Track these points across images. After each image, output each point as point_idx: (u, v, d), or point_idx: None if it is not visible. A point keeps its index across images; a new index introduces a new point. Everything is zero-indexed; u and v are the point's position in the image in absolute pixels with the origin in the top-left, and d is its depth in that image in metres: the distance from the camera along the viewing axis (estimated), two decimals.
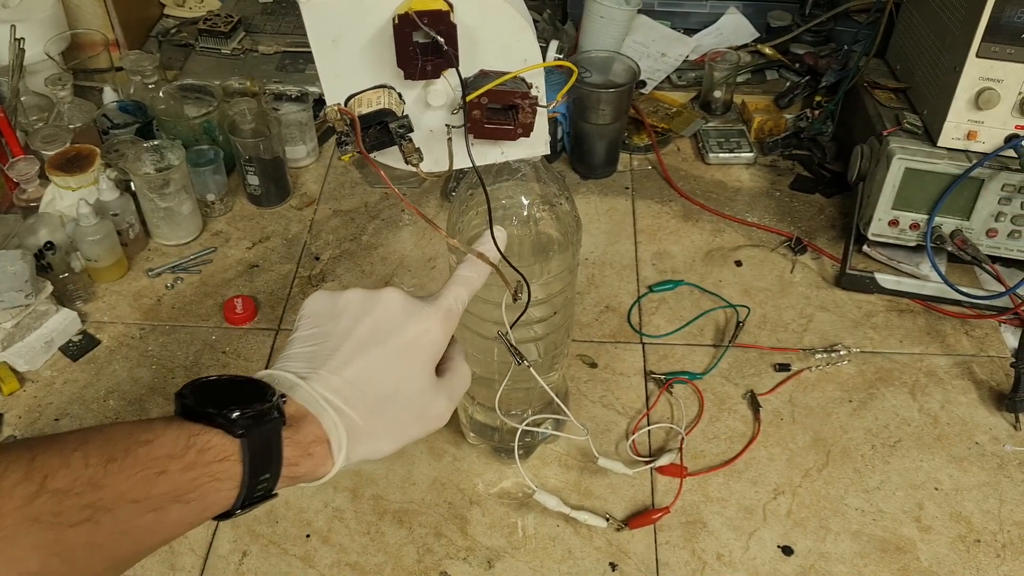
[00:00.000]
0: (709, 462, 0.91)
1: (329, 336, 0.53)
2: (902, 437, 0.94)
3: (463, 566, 0.82)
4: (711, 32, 1.47)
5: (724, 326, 1.05)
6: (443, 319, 0.55)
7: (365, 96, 0.61)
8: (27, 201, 1.11)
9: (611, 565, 0.82)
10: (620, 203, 1.23)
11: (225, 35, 1.44)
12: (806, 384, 0.99)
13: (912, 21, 1.15)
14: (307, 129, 1.27)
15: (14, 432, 0.93)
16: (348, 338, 0.52)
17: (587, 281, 1.11)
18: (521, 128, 0.62)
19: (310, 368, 0.51)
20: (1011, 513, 0.87)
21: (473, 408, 0.89)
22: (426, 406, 0.54)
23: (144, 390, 0.98)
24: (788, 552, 0.83)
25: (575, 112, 1.23)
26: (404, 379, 0.53)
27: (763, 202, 1.23)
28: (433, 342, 0.54)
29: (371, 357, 0.52)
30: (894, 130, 1.07)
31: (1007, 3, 0.93)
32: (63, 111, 1.19)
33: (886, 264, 1.12)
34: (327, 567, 0.82)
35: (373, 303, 0.54)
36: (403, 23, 0.57)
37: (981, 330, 1.05)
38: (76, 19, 1.39)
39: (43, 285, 1.01)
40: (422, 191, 1.25)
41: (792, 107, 1.36)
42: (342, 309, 0.54)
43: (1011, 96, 0.98)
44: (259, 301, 1.08)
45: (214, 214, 1.20)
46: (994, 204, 1.03)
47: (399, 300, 0.54)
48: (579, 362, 1.01)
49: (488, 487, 0.89)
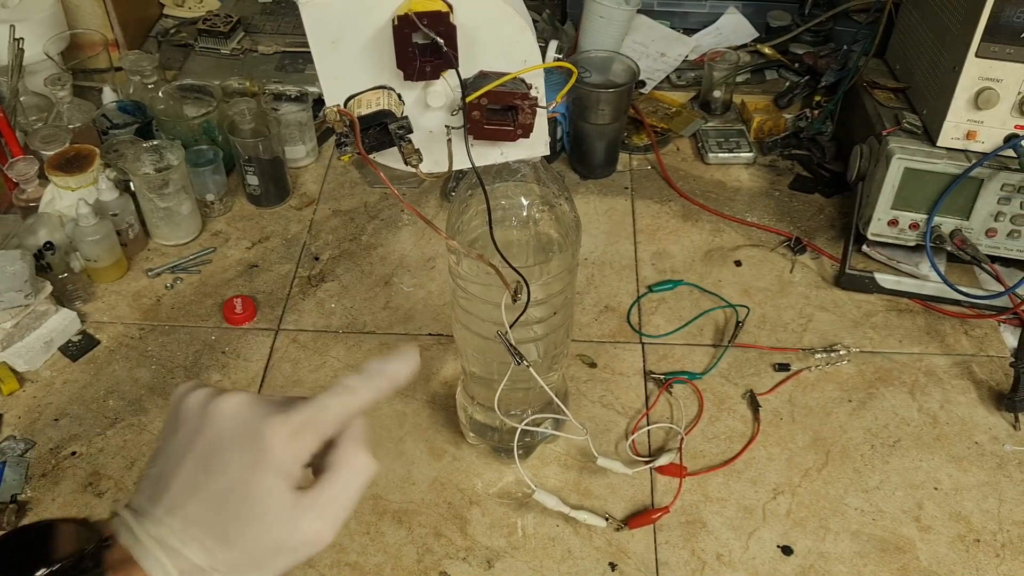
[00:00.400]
0: (709, 462, 0.91)
1: (168, 457, 0.46)
2: (901, 437, 0.94)
3: (463, 566, 0.82)
4: (710, 32, 1.47)
5: (724, 326, 1.05)
6: (293, 434, 0.44)
7: (364, 97, 0.61)
8: (26, 201, 1.11)
9: (611, 565, 0.82)
10: (619, 203, 1.23)
11: (224, 35, 1.44)
12: (805, 384, 0.99)
13: (911, 21, 1.15)
14: (306, 129, 1.27)
15: (13, 432, 0.93)
16: (182, 463, 0.45)
17: (587, 281, 1.11)
18: (521, 129, 0.62)
19: (150, 499, 0.45)
20: (1010, 513, 0.87)
21: (473, 408, 0.89)
22: (287, 533, 0.44)
23: (144, 390, 0.98)
24: (788, 552, 0.84)
25: (575, 112, 1.23)
26: (249, 505, 0.43)
27: (762, 202, 1.23)
28: (279, 461, 0.44)
29: (204, 487, 0.44)
30: (893, 130, 1.07)
31: (1006, 3, 0.93)
32: (62, 111, 1.19)
33: (885, 264, 1.12)
34: (326, 567, 0.82)
35: (206, 419, 0.45)
36: (402, 24, 0.57)
37: (980, 330, 1.05)
38: (75, 19, 1.39)
39: (42, 285, 1.01)
40: (421, 192, 1.25)
41: (791, 107, 1.36)
42: (182, 422, 0.46)
43: (1010, 96, 0.98)
44: (258, 301, 1.08)
45: (213, 214, 1.20)
46: (993, 204, 1.03)
47: (235, 414, 0.45)
48: (579, 362, 1.01)
49: (488, 487, 0.89)
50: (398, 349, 0.49)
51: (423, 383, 0.98)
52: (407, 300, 1.09)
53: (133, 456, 0.91)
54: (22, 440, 0.92)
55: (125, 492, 0.88)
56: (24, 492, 0.88)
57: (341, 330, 1.05)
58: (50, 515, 0.86)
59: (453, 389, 0.96)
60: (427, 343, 1.03)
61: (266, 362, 1.01)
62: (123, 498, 0.87)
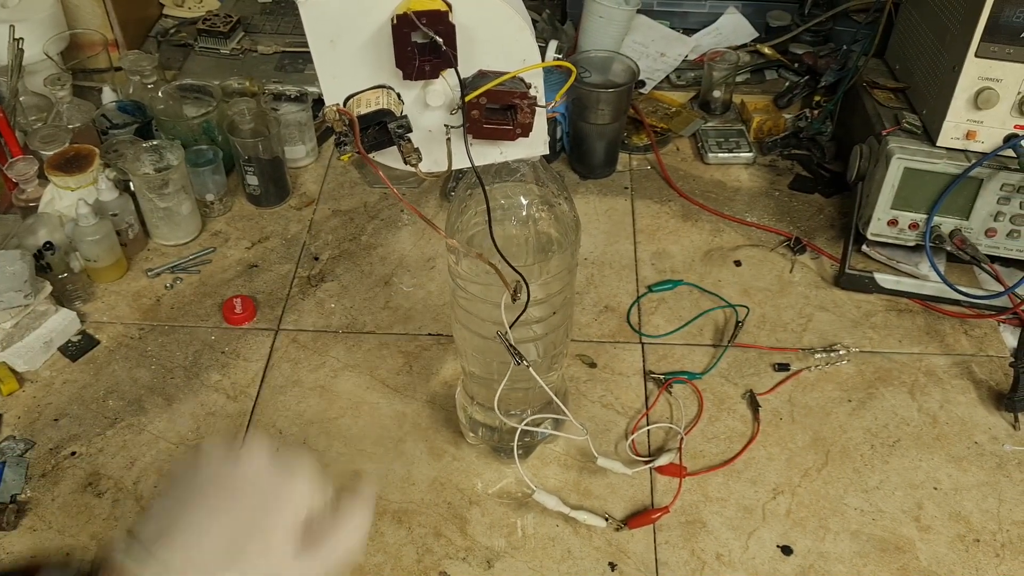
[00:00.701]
0: (708, 462, 0.91)
1: (176, 506, 0.47)
2: (901, 437, 0.94)
3: (462, 566, 0.82)
4: (710, 32, 1.47)
5: (723, 326, 1.05)
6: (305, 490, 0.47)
7: (364, 96, 0.61)
8: (26, 201, 1.11)
9: (610, 565, 0.82)
10: (619, 203, 1.23)
11: (224, 35, 1.44)
12: (805, 384, 0.99)
13: (911, 21, 1.15)
14: (306, 129, 1.27)
15: (13, 432, 0.93)
16: (190, 511, 0.46)
17: (586, 281, 1.11)
18: (520, 128, 0.62)
19: (153, 540, 0.45)
20: (1010, 513, 0.87)
21: (473, 408, 0.89)
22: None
23: (143, 390, 0.98)
24: (787, 552, 0.83)
25: (574, 112, 1.23)
26: (251, 562, 0.45)
27: (762, 202, 1.23)
28: (287, 517, 0.46)
29: (206, 536, 0.45)
30: (893, 130, 1.07)
31: (1006, 3, 0.93)
32: (62, 111, 1.19)
33: (885, 264, 1.12)
34: None
35: (227, 474, 0.47)
36: (402, 23, 0.57)
37: (980, 330, 1.05)
38: (75, 19, 1.39)
39: (42, 285, 1.01)
40: (421, 191, 1.25)
41: (791, 107, 1.36)
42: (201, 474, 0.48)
43: (1010, 96, 0.98)
44: (258, 301, 1.08)
45: (213, 214, 1.20)
46: (993, 204, 1.03)
47: (257, 469, 0.48)
48: (578, 362, 1.01)
49: (487, 487, 0.89)
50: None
51: (423, 383, 0.98)
52: (407, 300, 1.09)
53: (133, 456, 0.91)
54: (22, 440, 0.92)
55: (125, 492, 0.88)
56: (24, 492, 0.88)
57: (341, 330, 1.05)
58: (50, 515, 0.86)
59: (453, 389, 0.96)
60: (427, 343, 1.03)
61: (266, 362, 1.01)
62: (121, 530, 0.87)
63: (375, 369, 1.00)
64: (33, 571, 0.45)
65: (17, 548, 0.83)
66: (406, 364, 1.01)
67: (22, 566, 0.45)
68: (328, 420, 0.95)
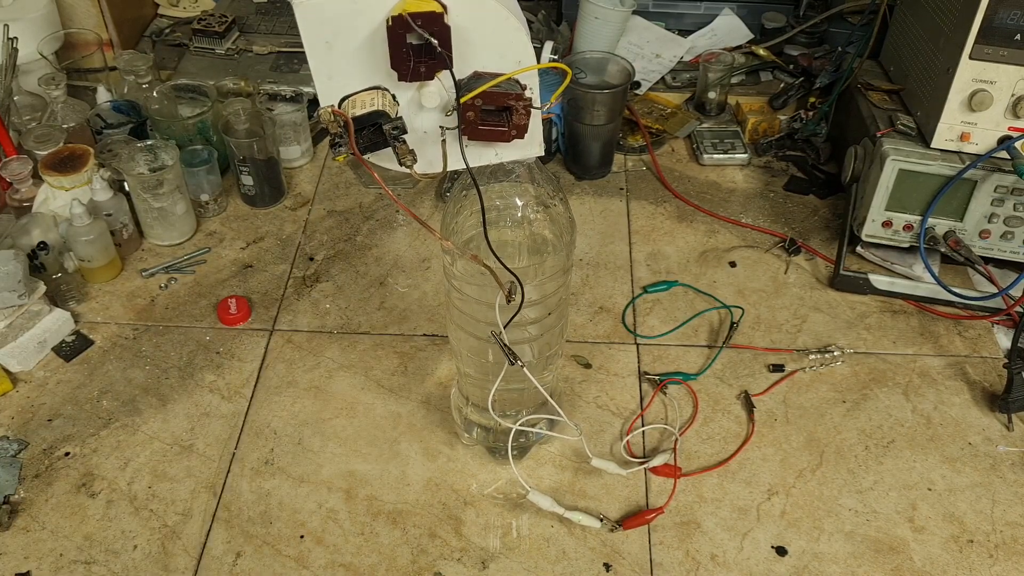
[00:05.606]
0: (703, 462, 0.91)
1: None
2: (895, 438, 0.94)
3: (457, 567, 0.82)
4: (705, 33, 1.48)
5: (718, 327, 1.06)
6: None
7: (359, 98, 0.61)
8: (20, 201, 1.11)
9: (605, 566, 0.82)
10: (614, 204, 1.23)
11: (219, 35, 1.44)
12: (800, 385, 0.99)
13: (905, 23, 1.15)
14: (301, 130, 1.27)
15: (7, 433, 0.93)
16: None
17: (581, 282, 1.11)
18: (515, 129, 0.62)
19: None
20: (1004, 513, 0.87)
21: (468, 408, 0.89)
22: None
23: (137, 390, 0.98)
24: (782, 552, 0.84)
25: (570, 113, 1.23)
26: None
27: (757, 203, 1.23)
28: None
29: None
30: (888, 131, 1.07)
31: (1000, 5, 0.93)
32: (56, 111, 1.19)
33: (880, 265, 1.13)
34: (321, 568, 0.82)
35: None
36: (397, 25, 0.57)
37: (974, 331, 1.06)
38: (70, 19, 1.38)
39: (36, 285, 1.00)
40: (416, 192, 1.25)
41: (786, 108, 1.36)
42: None
43: (1004, 98, 0.99)
44: (253, 301, 1.08)
45: (208, 214, 1.20)
46: (987, 205, 1.03)
47: None
48: (573, 363, 1.01)
49: (482, 488, 0.89)
50: None
51: (418, 383, 0.98)
52: (402, 301, 1.09)
53: (127, 457, 0.91)
54: (15, 440, 0.92)
55: (118, 493, 0.88)
56: (17, 493, 0.88)
57: (336, 330, 1.05)
58: (44, 516, 0.86)
59: (448, 390, 0.96)
60: (422, 343, 1.03)
61: (260, 362, 1.01)
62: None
63: (370, 370, 1.00)
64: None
65: (10, 548, 0.83)
66: (401, 365, 1.01)
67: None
68: (323, 421, 0.95)
